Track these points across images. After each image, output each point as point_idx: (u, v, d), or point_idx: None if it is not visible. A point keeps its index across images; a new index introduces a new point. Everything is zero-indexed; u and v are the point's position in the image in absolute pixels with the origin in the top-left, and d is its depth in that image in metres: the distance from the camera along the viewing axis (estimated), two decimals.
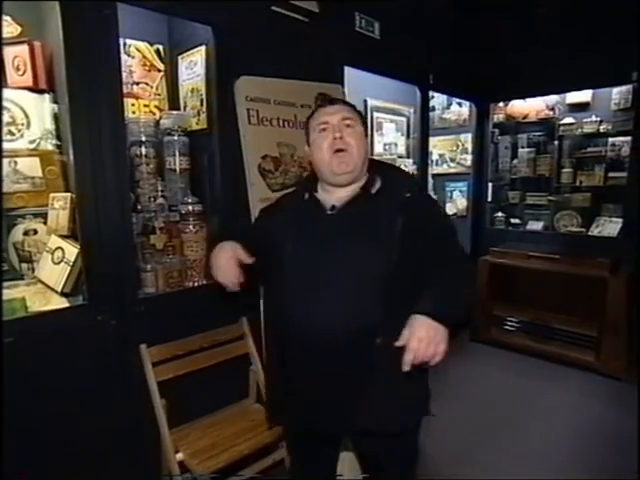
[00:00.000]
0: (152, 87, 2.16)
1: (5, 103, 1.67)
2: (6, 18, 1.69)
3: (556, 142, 3.63)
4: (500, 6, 3.41)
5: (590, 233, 3.51)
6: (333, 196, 1.23)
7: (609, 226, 3.40)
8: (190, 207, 1.99)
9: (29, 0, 1.66)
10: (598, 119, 3.44)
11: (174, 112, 2.11)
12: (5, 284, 1.65)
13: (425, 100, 3.17)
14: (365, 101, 3.57)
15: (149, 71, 2.14)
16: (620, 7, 3.00)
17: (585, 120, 3.50)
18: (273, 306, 1.27)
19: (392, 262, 1.11)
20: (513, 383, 2.95)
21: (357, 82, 3.06)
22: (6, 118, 1.68)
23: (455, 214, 4.02)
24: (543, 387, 2.88)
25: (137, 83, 2.11)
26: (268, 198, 1.94)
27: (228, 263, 1.18)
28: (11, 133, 1.70)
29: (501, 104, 3.87)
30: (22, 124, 1.71)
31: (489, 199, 3.96)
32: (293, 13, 2.07)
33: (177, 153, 2.03)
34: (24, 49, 1.65)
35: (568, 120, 3.58)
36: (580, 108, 3.57)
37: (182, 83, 2.13)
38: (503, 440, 2.33)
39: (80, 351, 1.56)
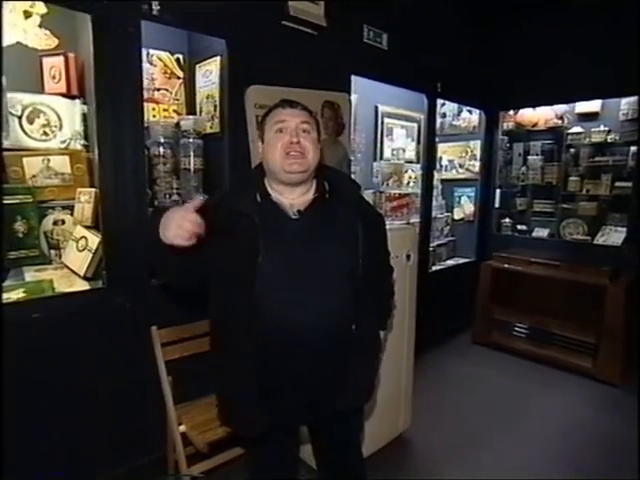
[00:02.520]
0: (171, 93, 2.35)
1: (41, 107, 1.89)
2: (45, 32, 1.91)
3: (564, 151, 3.67)
4: (510, 16, 3.49)
5: (595, 242, 3.55)
6: (287, 198, 1.25)
7: (614, 235, 3.44)
8: None
9: (62, 5, 1.86)
10: (606, 129, 3.47)
11: (191, 116, 2.28)
12: (35, 267, 1.88)
13: (432, 108, 3.28)
14: (376, 107, 3.69)
15: (169, 78, 2.33)
16: (629, 20, 3.05)
17: (593, 130, 3.55)
18: (240, 310, 1.19)
19: (357, 262, 1.24)
20: (510, 385, 3.02)
21: (368, 89, 3.21)
22: (42, 120, 1.90)
23: (462, 219, 4.10)
24: (539, 390, 2.94)
25: (158, 89, 2.31)
26: None
27: (181, 217, 1.04)
28: (46, 134, 1.92)
29: (511, 112, 3.94)
30: (55, 126, 1.92)
31: (497, 205, 4.02)
32: (302, 27, 2.23)
33: (192, 154, 2.21)
34: (60, 60, 1.86)
35: (576, 129, 3.62)
36: (589, 118, 3.62)
37: (199, 90, 2.32)
38: (493, 439, 2.41)
39: (98, 329, 1.75)
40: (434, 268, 3.68)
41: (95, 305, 1.77)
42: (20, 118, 1.86)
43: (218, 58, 2.13)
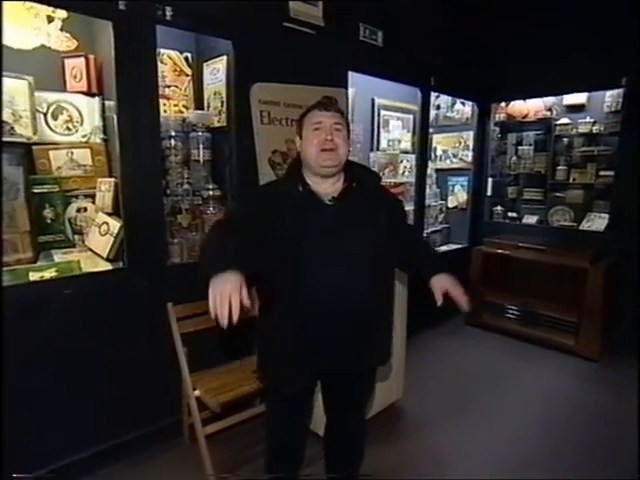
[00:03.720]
0: (181, 89, 2.52)
1: (64, 105, 2.07)
2: (66, 34, 2.07)
3: (553, 141, 3.85)
4: (500, 11, 3.63)
5: (581, 228, 3.74)
6: (321, 187, 1.45)
7: (598, 221, 3.63)
8: (211, 192, 2.36)
9: (87, 15, 2.03)
10: (592, 120, 3.64)
11: (199, 111, 2.46)
12: (61, 250, 2.07)
13: (426, 101, 3.45)
14: (373, 100, 3.86)
15: (179, 76, 2.50)
16: (614, 16, 3.21)
17: (580, 121, 3.72)
18: (286, 280, 1.38)
19: (378, 245, 1.44)
20: (497, 361, 3.24)
21: (366, 82, 3.36)
22: (65, 117, 2.08)
23: (456, 207, 4.29)
24: (524, 365, 3.16)
25: (168, 86, 2.48)
26: None
27: (232, 298, 1.13)
28: (68, 129, 2.10)
29: (503, 104, 4.10)
30: (77, 122, 2.11)
31: (489, 193, 4.21)
32: (302, 27, 2.39)
33: (201, 146, 2.39)
34: (81, 61, 2.04)
35: (564, 120, 3.79)
36: (576, 109, 3.78)
37: (206, 87, 2.49)
38: (478, 407, 2.63)
39: (120, 304, 1.96)
40: None
41: (117, 283, 1.97)
42: (45, 115, 2.05)
43: (225, 57, 2.30)
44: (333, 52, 2.60)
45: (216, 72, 2.39)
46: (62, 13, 2.03)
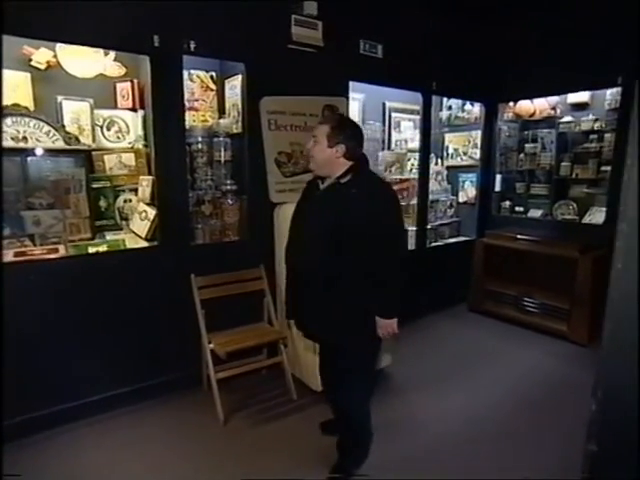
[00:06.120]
0: (207, 102, 3.05)
1: (115, 119, 2.67)
2: (117, 64, 2.66)
3: (557, 138, 4.03)
4: (504, 14, 3.86)
5: (583, 221, 3.90)
6: (323, 183, 1.85)
7: (598, 215, 3.78)
8: (229, 187, 2.88)
9: (130, 52, 2.59)
10: (594, 117, 3.80)
11: (221, 120, 2.98)
12: (112, 232, 2.66)
13: (427, 105, 3.77)
14: (384, 104, 4.24)
15: (205, 91, 3.04)
16: (612, 18, 3.37)
17: (583, 119, 3.88)
18: (286, 250, 1.96)
19: (331, 227, 1.75)
20: (490, 343, 3.52)
21: (376, 88, 3.70)
22: (115, 128, 2.69)
23: (466, 202, 4.56)
24: (517, 348, 3.42)
25: (197, 100, 3.02)
26: (281, 182, 2.80)
27: None
28: (118, 138, 2.69)
29: (511, 104, 4.32)
30: (125, 132, 2.69)
31: (497, 189, 4.44)
32: (304, 48, 2.84)
33: (222, 149, 2.91)
34: (128, 84, 2.62)
35: (567, 118, 3.97)
36: (580, 108, 3.94)
37: (227, 99, 3.01)
38: (463, 380, 2.93)
39: (154, 274, 2.51)
40: (434, 244, 4.20)
41: (152, 257, 2.53)
42: (102, 127, 2.65)
43: (240, 76, 2.80)
44: (334, 66, 3.02)
45: (234, 88, 2.90)
46: None
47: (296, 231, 1.92)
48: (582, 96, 3.89)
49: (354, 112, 3.87)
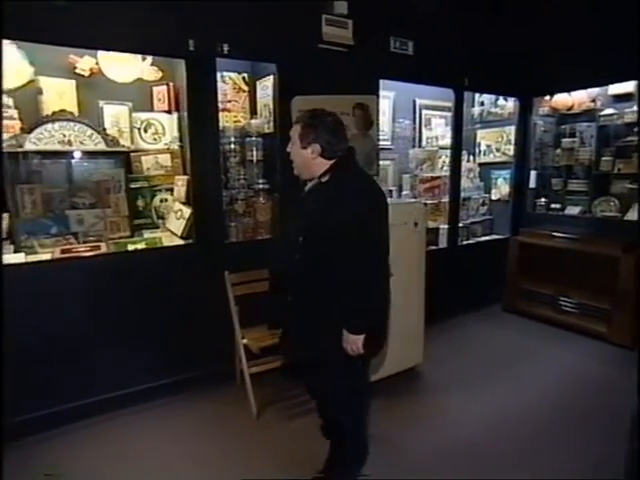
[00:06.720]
0: (239, 103, 3.12)
1: (152, 121, 2.77)
2: (154, 68, 2.76)
3: (597, 132, 3.87)
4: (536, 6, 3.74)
5: (625, 218, 3.73)
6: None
7: None
8: (261, 186, 2.94)
9: (167, 57, 2.68)
10: (638, 109, 3.62)
11: (253, 121, 3.03)
12: (149, 230, 2.76)
13: (459, 101, 3.70)
14: (414, 101, 4.20)
15: (237, 92, 3.10)
16: None
17: (627, 110, 3.71)
18: None
19: (303, 231, 1.65)
20: (525, 344, 3.42)
21: (406, 85, 3.68)
22: (152, 130, 2.78)
23: (499, 199, 4.45)
24: (553, 349, 3.31)
25: (230, 101, 3.09)
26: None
27: None
28: (155, 139, 2.79)
29: (547, 97, 4.18)
30: (161, 133, 2.79)
31: (532, 186, 4.31)
32: (335, 47, 2.85)
33: (254, 149, 2.97)
34: (164, 88, 2.71)
35: (609, 111, 3.80)
36: (623, 99, 3.77)
37: (259, 100, 3.06)
38: (495, 381, 2.86)
39: (189, 271, 2.59)
40: (466, 242, 4.12)
41: (188, 254, 2.61)
42: (139, 129, 2.75)
43: (272, 76, 2.84)
44: (364, 65, 3.02)
45: (266, 88, 2.95)
46: None
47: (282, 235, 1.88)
48: (626, 86, 3.71)
49: (384, 110, 3.86)
